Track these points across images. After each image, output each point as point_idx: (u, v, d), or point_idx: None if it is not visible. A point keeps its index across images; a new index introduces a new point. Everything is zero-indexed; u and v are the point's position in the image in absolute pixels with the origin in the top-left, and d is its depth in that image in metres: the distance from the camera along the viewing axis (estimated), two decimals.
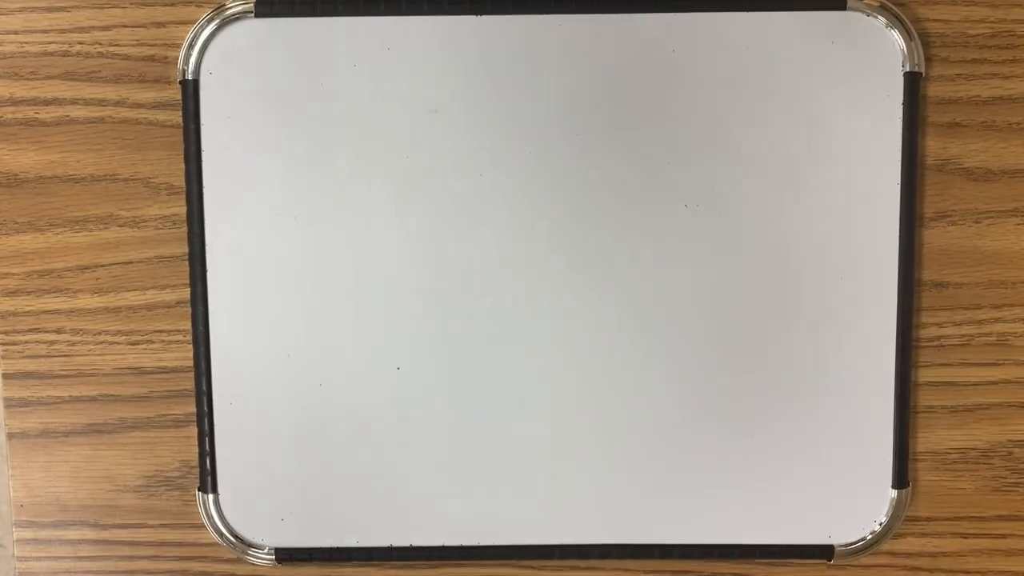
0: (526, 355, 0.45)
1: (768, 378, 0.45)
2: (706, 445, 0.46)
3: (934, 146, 0.46)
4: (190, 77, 0.44)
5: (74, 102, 0.45)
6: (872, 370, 0.46)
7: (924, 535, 0.48)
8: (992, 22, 0.45)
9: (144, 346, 0.47)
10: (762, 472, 0.46)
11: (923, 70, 0.45)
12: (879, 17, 0.44)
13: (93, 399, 0.47)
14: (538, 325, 0.45)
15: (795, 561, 0.47)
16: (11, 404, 0.47)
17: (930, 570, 0.48)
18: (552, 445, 0.46)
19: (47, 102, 0.45)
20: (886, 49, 0.44)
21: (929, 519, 0.47)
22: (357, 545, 0.46)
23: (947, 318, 0.46)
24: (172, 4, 0.45)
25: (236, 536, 0.47)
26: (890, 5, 0.44)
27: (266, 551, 0.47)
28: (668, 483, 0.46)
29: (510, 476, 0.46)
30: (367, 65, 0.44)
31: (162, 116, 0.45)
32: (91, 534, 0.48)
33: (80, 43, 0.45)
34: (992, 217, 0.46)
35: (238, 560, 0.47)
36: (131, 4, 0.45)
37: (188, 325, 0.46)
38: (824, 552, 0.46)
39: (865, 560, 0.47)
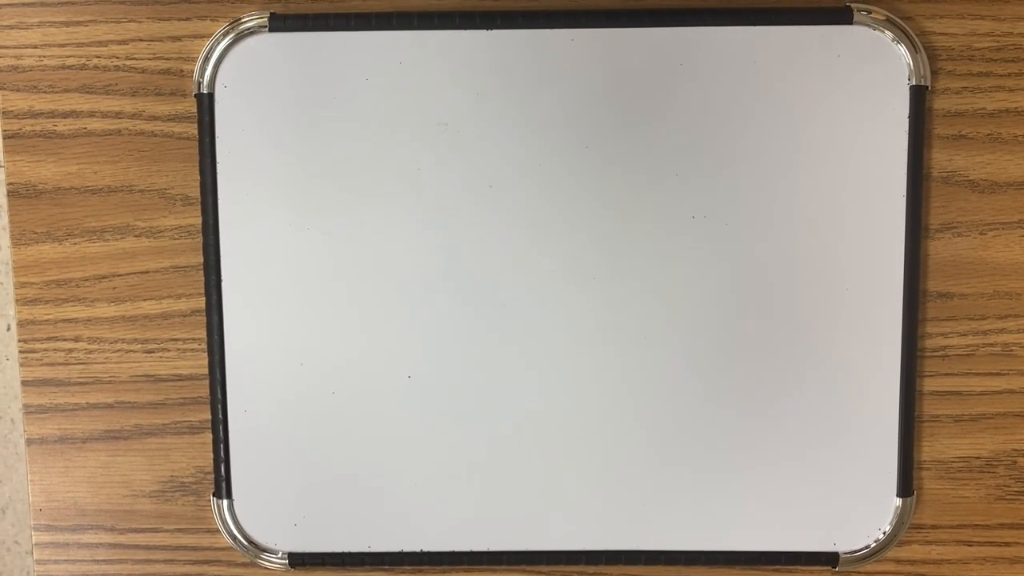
0: (535, 364, 0.46)
1: (774, 386, 0.46)
2: (712, 453, 0.46)
3: (940, 158, 0.46)
4: (205, 90, 0.45)
5: (91, 115, 0.46)
6: (877, 379, 0.46)
7: (928, 543, 0.48)
8: (998, 36, 0.45)
9: (160, 354, 0.47)
10: (768, 479, 0.47)
11: (929, 83, 0.45)
12: (885, 31, 0.44)
13: (110, 406, 0.48)
14: (548, 335, 0.46)
15: (800, 568, 0.48)
16: (30, 411, 0.48)
17: None
18: (560, 452, 0.46)
19: (65, 114, 0.46)
20: (892, 63, 0.45)
21: (933, 527, 0.48)
22: (369, 550, 0.47)
23: (952, 328, 0.47)
24: (188, 19, 0.46)
25: (250, 541, 0.47)
26: (896, 19, 0.44)
27: (279, 556, 0.47)
28: (675, 490, 0.47)
29: (520, 482, 0.47)
30: (379, 79, 0.45)
31: (178, 128, 0.46)
32: (108, 538, 0.49)
33: (97, 57, 0.46)
34: (997, 229, 0.46)
35: (252, 564, 0.48)
36: (147, 19, 0.46)
37: (203, 334, 0.47)
38: (829, 559, 0.47)
39: (869, 567, 0.48)
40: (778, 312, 0.46)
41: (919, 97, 0.45)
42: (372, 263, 0.46)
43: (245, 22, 0.45)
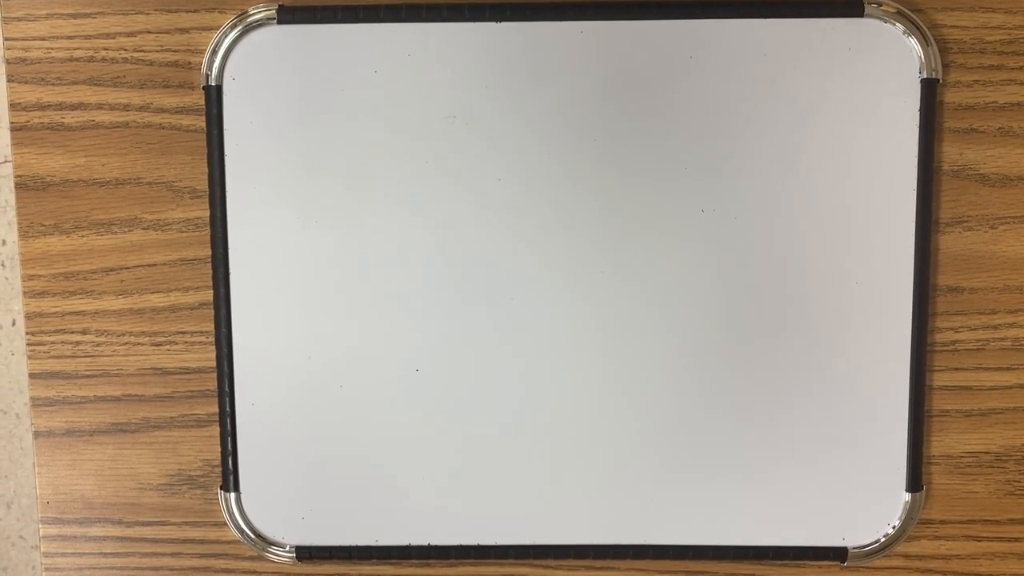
0: (542, 358, 0.46)
1: (783, 382, 0.46)
2: (721, 448, 0.46)
3: (950, 152, 0.46)
4: (213, 83, 0.45)
5: (99, 107, 0.46)
6: (887, 374, 0.46)
7: (937, 538, 0.48)
8: (1009, 28, 0.45)
9: (167, 347, 0.47)
10: (777, 474, 0.46)
11: (940, 76, 0.45)
12: (896, 24, 0.44)
13: (117, 399, 0.48)
14: (555, 328, 0.46)
15: (809, 563, 0.48)
16: (37, 403, 0.48)
17: (943, 572, 0.48)
18: (569, 447, 0.46)
19: (73, 107, 0.46)
20: (903, 56, 0.44)
21: (942, 522, 0.48)
22: (376, 544, 0.47)
23: (962, 323, 0.47)
24: (196, 11, 0.46)
25: (257, 534, 0.47)
26: (907, 12, 0.44)
27: (287, 549, 0.47)
28: (684, 485, 0.47)
29: (528, 477, 0.47)
30: (387, 71, 0.45)
31: (186, 121, 0.46)
32: (115, 531, 0.49)
33: (105, 49, 0.46)
34: (1008, 223, 0.46)
35: (259, 558, 0.48)
36: (155, 10, 0.46)
37: (211, 327, 0.47)
38: (838, 554, 0.47)
39: (878, 562, 0.48)
40: (788, 306, 0.45)
41: (930, 90, 0.44)
42: (380, 256, 0.45)
43: (253, 14, 0.44)
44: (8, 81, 0.46)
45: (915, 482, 0.46)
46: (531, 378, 0.46)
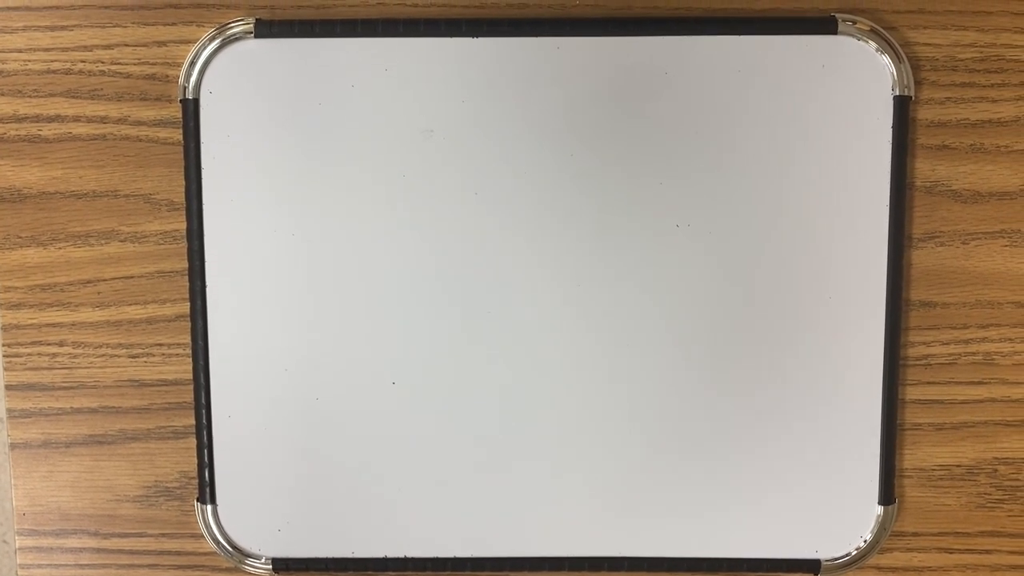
0: (520, 371, 0.46)
1: (758, 395, 0.46)
2: (695, 461, 0.47)
3: (923, 168, 0.46)
4: (191, 96, 0.45)
5: (76, 119, 0.46)
6: (860, 388, 0.46)
7: (910, 550, 0.48)
8: (981, 46, 0.45)
9: (144, 359, 0.47)
10: (751, 487, 0.47)
11: (913, 94, 0.45)
12: (869, 42, 0.44)
13: (94, 411, 0.48)
14: (532, 341, 0.46)
15: (782, 575, 0.48)
16: (14, 415, 0.48)
17: None
18: (544, 460, 0.47)
19: (50, 119, 0.46)
20: (876, 73, 0.45)
21: (915, 534, 0.48)
22: (352, 556, 0.47)
23: (934, 337, 0.47)
24: (173, 24, 0.46)
25: (234, 546, 0.47)
26: (880, 30, 0.44)
27: (263, 561, 0.47)
28: (658, 498, 0.47)
29: (503, 490, 0.47)
30: (365, 86, 0.45)
31: (163, 134, 0.46)
32: (92, 543, 0.49)
33: (83, 61, 0.46)
34: (979, 238, 0.47)
35: (235, 570, 0.48)
36: (133, 23, 0.46)
37: (188, 339, 0.47)
38: (811, 566, 0.47)
39: (851, 574, 0.48)
40: (761, 320, 0.46)
41: (903, 107, 0.45)
42: (357, 269, 0.46)
43: (231, 28, 0.45)
44: None
45: (887, 495, 0.47)
46: (506, 391, 0.46)
